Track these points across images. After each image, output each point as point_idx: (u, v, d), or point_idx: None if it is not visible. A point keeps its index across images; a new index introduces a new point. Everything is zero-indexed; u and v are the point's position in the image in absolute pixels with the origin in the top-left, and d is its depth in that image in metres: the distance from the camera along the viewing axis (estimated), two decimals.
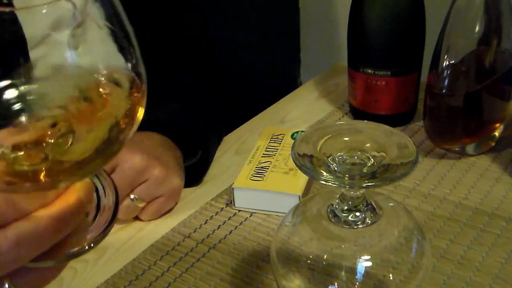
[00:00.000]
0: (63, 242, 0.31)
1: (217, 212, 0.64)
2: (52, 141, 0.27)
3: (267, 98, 0.87)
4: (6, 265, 0.29)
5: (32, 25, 0.26)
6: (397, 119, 0.76)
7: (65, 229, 0.30)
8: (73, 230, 0.31)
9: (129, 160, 0.58)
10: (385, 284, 0.43)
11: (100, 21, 0.28)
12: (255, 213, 0.63)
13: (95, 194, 0.33)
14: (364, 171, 0.40)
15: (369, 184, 0.39)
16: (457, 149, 0.69)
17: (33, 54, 0.28)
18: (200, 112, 0.74)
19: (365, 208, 0.43)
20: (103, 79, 0.29)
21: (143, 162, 0.59)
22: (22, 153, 0.27)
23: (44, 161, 0.27)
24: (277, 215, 0.62)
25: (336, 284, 0.43)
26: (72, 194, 0.30)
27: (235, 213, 0.63)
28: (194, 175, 0.67)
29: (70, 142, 0.27)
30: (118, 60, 0.29)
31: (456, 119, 0.68)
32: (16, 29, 0.26)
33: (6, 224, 0.29)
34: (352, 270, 0.43)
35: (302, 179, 0.62)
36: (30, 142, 0.27)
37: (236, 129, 0.79)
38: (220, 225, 0.62)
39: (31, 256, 0.30)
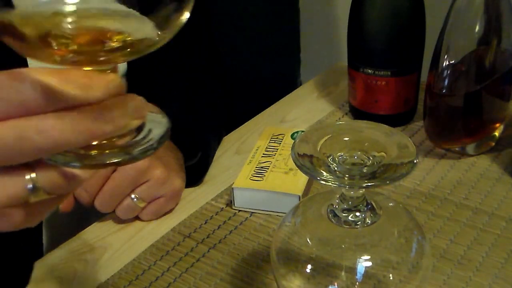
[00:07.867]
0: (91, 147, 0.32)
1: (217, 212, 0.64)
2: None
3: (267, 98, 0.87)
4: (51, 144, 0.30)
5: None
6: (397, 119, 0.76)
7: (106, 114, 0.31)
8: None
9: None
10: (385, 284, 0.43)
11: None
12: (255, 213, 0.63)
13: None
14: (364, 171, 0.40)
15: (369, 184, 0.39)
16: (457, 149, 0.69)
17: None
18: (200, 112, 0.74)
19: (365, 208, 0.43)
20: None
21: (146, 162, 0.59)
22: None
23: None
24: (277, 215, 0.62)
25: (336, 284, 0.43)
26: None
27: (235, 213, 0.63)
28: (193, 176, 0.67)
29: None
30: None
31: (456, 119, 0.68)
32: None
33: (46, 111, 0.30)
34: (352, 270, 0.43)
35: (302, 179, 0.62)
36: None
37: (236, 129, 0.79)
38: (220, 225, 0.62)
39: (71, 138, 0.30)
